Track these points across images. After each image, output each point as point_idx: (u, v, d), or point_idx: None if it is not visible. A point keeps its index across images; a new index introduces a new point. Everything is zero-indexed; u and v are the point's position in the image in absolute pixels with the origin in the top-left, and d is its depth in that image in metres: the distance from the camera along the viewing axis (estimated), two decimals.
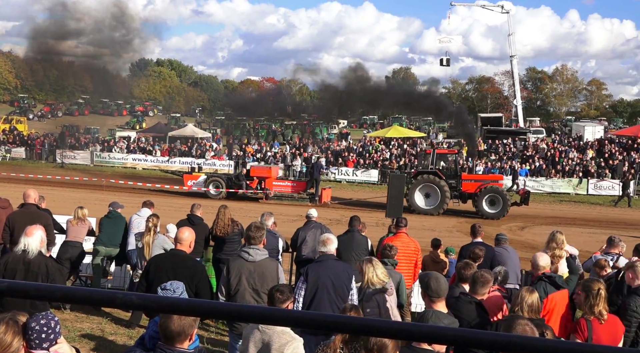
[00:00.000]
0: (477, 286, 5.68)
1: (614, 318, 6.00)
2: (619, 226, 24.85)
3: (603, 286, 5.98)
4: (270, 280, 6.06)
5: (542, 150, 42.68)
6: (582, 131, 52.41)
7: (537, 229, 24.10)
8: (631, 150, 41.18)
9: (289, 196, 28.51)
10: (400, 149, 44.18)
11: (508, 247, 9.83)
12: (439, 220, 25.32)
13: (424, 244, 12.88)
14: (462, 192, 26.80)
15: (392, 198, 15.79)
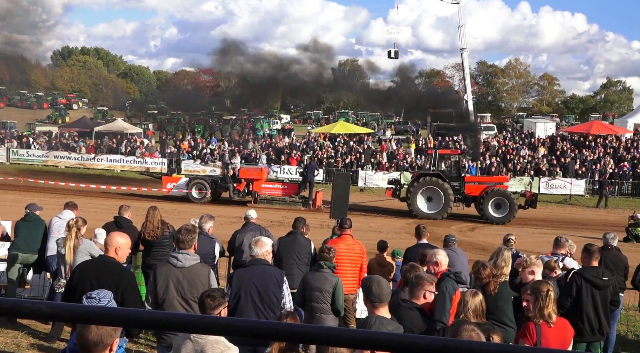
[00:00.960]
0: (414, 289, 5.78)
1: (563, 322, 6.21)
2: (571, 226, 25.78)
3: (552, 288, 6.18)
4: (201, 287, 5.99)
5: (493, 147, 43.77)
6: (534, 128, 54.11)
7: (488, 230, 24.72)
8: (583, 148, 42.75)
9: (280, 199, 28.11)
10: (346, 146, 44.50)
11: (457, 248, 10.05)
12: (386, 222, 25.64)
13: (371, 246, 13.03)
14: (466, 195, 26.94)
15: (336, 198, 15.88)
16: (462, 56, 55.04)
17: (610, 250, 10.34)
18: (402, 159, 41.17)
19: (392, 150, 44.66)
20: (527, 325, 6.00)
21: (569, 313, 7.37)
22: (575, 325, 6.94)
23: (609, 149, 42.32)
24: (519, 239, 10.59)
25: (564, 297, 7.27)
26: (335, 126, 50.21)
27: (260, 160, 41.52)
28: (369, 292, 5.14)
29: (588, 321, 7.57)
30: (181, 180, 28.96)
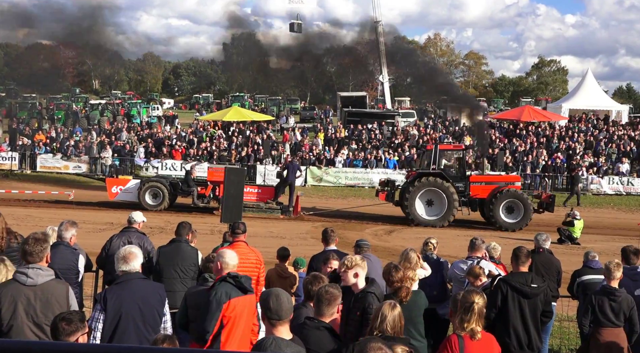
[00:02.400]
0: (322, 305, 5.82)
1: (489, 337, 6.46)
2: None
3: (479, 298, 6.39)
4: (57, 309, 5.80)
5: (413, 137, 44.84)
6: (459, 114, 55.80)
7: (407, 233, 25.30)
8: (513, 137, 44.56)
9: (254, 206, 27.61)
10: (242, 136, 44.32)
11: (371, 255, 10.22)
12: (288, 225, 25.75)
13: (270, 255, 12.99)
14: (471, 197, 26.80)
15: (228, 198, 15.80)
16: (376, 31, 56.04)
17: (542, 254, 10.83)
18: (309, 151, 41.46)
19: (297, 140, 44.90)
20: (450, 338, 6.19)
21: (494, 326, 7.65)
22: (501, 340, 7.23)
23: (541, 138, 44.30)
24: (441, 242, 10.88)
25: (488, 307, 7.53)
26: (228, 112, 49.84)
27: (137, 154, 40.68)
28: (267, 307, 5.14)
29: (516, 335, 7.89)
30: (130, 182, 28.20)
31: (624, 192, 37.27)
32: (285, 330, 5.17)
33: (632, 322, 8.47)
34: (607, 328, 8.41)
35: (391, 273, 7.86)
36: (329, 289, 5.89)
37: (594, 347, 8.49)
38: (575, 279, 10.31)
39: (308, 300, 6.53)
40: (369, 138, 45.14)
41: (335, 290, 5.88)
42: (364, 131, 46.21)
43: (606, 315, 8.40)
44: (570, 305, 10.89)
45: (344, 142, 43.98)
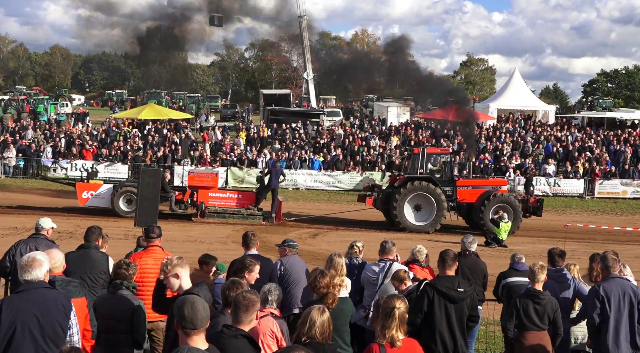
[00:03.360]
0: (240, 312, 5.80)
1: (412, 343, 6.54)
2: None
3: (400, 303, 6.47)
4: None
5: (338, 136, 45.11)
6: (386, 113, 56.55)
7: (332, 236, 25.47)
8: (441, 137, 45.35)
9: (235, 212, 27.27)
10: (159, 135, 43.75)
11: (296, 258, 10.24)
12: (207, 229, 25.57)
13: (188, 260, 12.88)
14: (459, 202, 27.07)
15: (143, 200, 15.58)
16: (300, 26, 56.15)
17: (468, 257, 11.08)
18: (230, 151, 41.24)
19: (217, 140, 44.60)
20: (370, 347, 6.25)
21: (419, 331, 7.78)
22: (427, 346, 7.35)
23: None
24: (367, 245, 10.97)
25: (414, 312, 7.65)
26: (144, 110, 49.14)
27: (44, 154, 39.64)
28: (181, 316, 5.09)
29: (441, 340, 8.03)
30: (102, 187, 27.65)
31: (550, 193, 38.36)
32: (200, 339, 5.11)
33: (556, 325, 8.73)
34: (531, 332, 8.63)
35: (317, 279, 7.89)
36: (247, 295, 5.86)
37: (518, 350, 8.70)
38: (501, 282, 10.57)
39: (226, 308, 6.49)
40: (293, 137, 45.20)
41: (254, 296, 5.86)
42: (287, 130, 46.24)
43: (530, 319, 8.63)
44: (496, 308, 11.14)
45: (267, 142, 43.91)
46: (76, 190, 27.91)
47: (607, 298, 8.77)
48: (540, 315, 8.61)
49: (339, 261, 8.68)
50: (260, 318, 6.19)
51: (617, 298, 8.79)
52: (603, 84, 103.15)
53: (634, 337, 8.87)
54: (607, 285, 8.88)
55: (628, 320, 8.83)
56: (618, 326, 8.80)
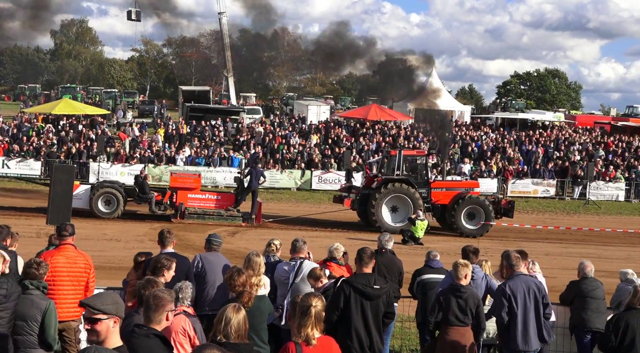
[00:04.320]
0: (150, 311, 5.71)
1: (328, 340, 6.57)
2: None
3: (317, 301, 6.49)
4: None
5: (258, 134, 45.00)
6: (306, 111, 56.73)
7: (251, 234, 25.41)
8: (360, 136, 45.78)
9: (215, 213, 27.13)
10: (74, 131, 42.73)
11: (219, 255, 10.12)
12: (123, 227, 25.18)
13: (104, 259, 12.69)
14: (434, 203, 27.40)
15: (56, 197, 15.19)
16: (220, 22, 55.80)
17: (385, 254, 11.21)
18: (147, 148, 40.61)
19: (135, 136, 43.85)
20: (287, 346, 6.25)
21: (335, 328, 7.82)
22: (343, 342, 7.40)
23: (388, 138, 45.82)
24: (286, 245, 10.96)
25: (330, 309, 7.68)
26: (58, 105, 47.94)
27: None
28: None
29: (357, 337, 8.09)
30: (79, 188, 26.67)
31: None
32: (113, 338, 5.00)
33: (479, 320, 8.92)
34: (454, 328, 8.78)
35: (233, 278, 7.86)
36: (158, 294, 5.78)
37: (440, 345, 8.84)
38: (416, 278, 10.74)
39: (141, 306, 6.38)
40: (213, 135, 44.85)
41: (166, 295, 5.78)
42: (207, 127, 45.87)
43: (453, 313, 8.78)
44: (412, 305, 11.31)
45: (186, 139, 43.43)
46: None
47: (513, 296, 9.03)
48: (462, 309, 8.77)
49: (257, 260, 8.67)
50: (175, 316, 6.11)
51: (523, 295, 9.06)
52: (516, 85, 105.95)
53: (541, 331, 9.15)
54: (512, 283, 9.14)
55: (534, 316, 9.11)
56: (526, 322, 9.06)
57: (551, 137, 49.73)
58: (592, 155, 45.09)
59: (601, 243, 27.22)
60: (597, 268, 11.28)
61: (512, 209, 28.25)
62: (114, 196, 26.86)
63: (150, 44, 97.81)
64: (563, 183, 40.22)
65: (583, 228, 28.09)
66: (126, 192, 27.22)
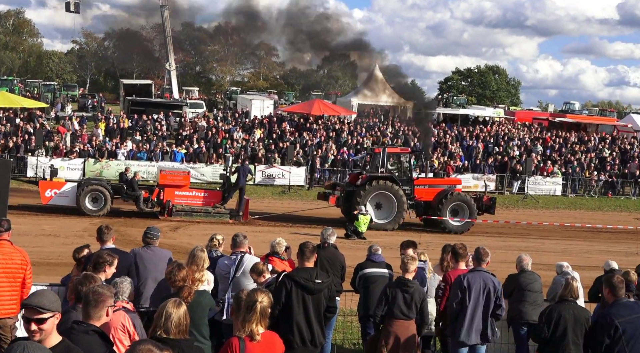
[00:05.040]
0: (89, 307, 5.65)
1: (272, 335, 6.58)
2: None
3: (263, 297, 6.50)
4: None
5: (201, 129, 44.68)
6: (249, 106, 56.55)
7: (193, 229, 25.23)
8: (303, 131, 45.81)
9: (202, 211, 27.13)
10: (11, 125, 41.76)
11: (157, 248, 9.99)
12: (63, 223, 24.77)
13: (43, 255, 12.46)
14: (417, 200, 27.74)
15: None
16: (162, 15, 55.20)
17: (327, 248, 11.25)
18: (87, 142, 39.93)
19: (74, 130, 43.06)
20: (230, 342, 6.24)
21: (277, 323, 7.84)
22: (285, 337, 7.42)
23: (331, 132, 45.97)
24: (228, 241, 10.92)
25: (272, 304, 7.69)
26: None
27: None
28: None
29: (298, 331, 8.13)
30: (65, 186, 26.97)
31: None
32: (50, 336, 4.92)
33: (423, 314, 9.02)
34: (398, 321, 8.86)
35: (173, 272, 7.80)
36: (97, 290, 5.71)
37: (384, 338, 8.91)
38: (358, 273, 10.81)
39: (78, 303, 6.28)
40: (155, 129, 44.36)
41: (105, 291, 5.72)
42: (149, 122, 45.35)
43: (399, 307, 8.86)
44: (354, 299, 11.38)
45: (127, 133, 42.86)
46: (39, 188, 27.25)
47: (468, 289, 9.18)
48: (408, 303, 8.86)
49: (202, 255, 8.65)
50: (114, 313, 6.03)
51: (478, 290, 9.22)
52: (457, 82, 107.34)
53: (486, 329, 9.32)
54: (471, 277, 9.31)
55: (482, 313, 9.27)
56: (473, 317, 9.21)
57: (491, 132, 50.56)
58: (531, 151, 45.97)
59: (539, 237, 27.79)
60: (534, 262, 11.53)
61: (494, 206, 28.78)
62: (101, 193, 26.73)
63: (90, 36, 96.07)
64: (502, 178, 40.94)
65: (521, 222, 28.62)
66: (114, 190, 27.19)
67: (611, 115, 73.12)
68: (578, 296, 8.92)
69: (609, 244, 26.79)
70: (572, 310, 8.50)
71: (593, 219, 32.63)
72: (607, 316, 8.08)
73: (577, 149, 47.17)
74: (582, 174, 42.95)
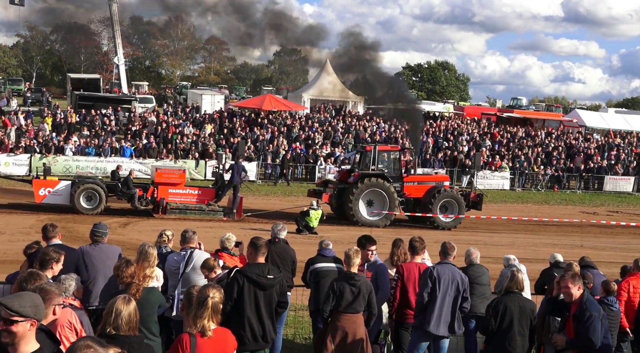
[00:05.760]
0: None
1: (224, 331, 6.56)
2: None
3: (215, 292, 6.47)
4: None
5: (151, 124, 44.24)
6: (200, 101, 56.16)
7: (143, 226, 25.00)
8: (254, 126, 45.68)
9: (196, 208, 26.95)
10: None
11: (106, 245, 9.87)
12: (9, 220, 24.34)
13: None
14: (407, 197, 28.09)
15: None
16: (110, 9, 54.48)
17: (278, 243, 11.25)
18: (34, 137, 39.23)
19: (20, 125, 42.25)
20: (181, 338, 6.20)
21: (229, 319, 7.82)
22: (236, 333, 7.41)
23: (282, 128, 45.93)
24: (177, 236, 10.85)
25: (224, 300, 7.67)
26: None
27: None
28: None
29: (250, 327, 8.12)
30: (59, 184, 26.68)
31: None
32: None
33: (371, 306, 9.06)
34: (346, 315, 8.88)
35: (121, 269, 7.73)
36: (45, 287, 5.65)
37: (331, 332, 8.93)
38: (309, 267, 10.84)
39: None
40: (103, 124, 43.78)
41: (53, 289, 5.64)
42: (97, 117, 44.73)
43: (346, 300, 8.89)
44: (305, 294, 11.40)
45: (75, 128, 42.21)
46: (33, 187, 26.84)
47: (438, 280, 9.29)
48: (355, 297, 8.89)
49: (152, 252, 8.58)
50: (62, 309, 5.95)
51: (447, 282, 9.34)
52: (408, 77, 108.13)
53: (453, 321, 9.44)
54: (440, 268, 9.43)
55: (451, 305, 9.40)
56: (442, 308, 9.33)
57: (441, 127, 51.07)
58: (479, 145, 46.60)
59: (487, 230, 28.20)
60: (483, 255, 11.69)
61: (481, 202, 29.25)
62: (96, 192, 26.52)
63: (35, 29, 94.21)
64: (452, 173, 41.41)
65: (470, 216, 28.95)
66: (108, 188, 27.00)
67: (557, 110, 74.37)
68: (524, 288, 9.09)
69: (554, 237, 27.29)
70: (517, 301, 8.69)
71: (540, 213, 33.20)
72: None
73: (525, 143, 47.96)
74: (529, 168, 43.68)
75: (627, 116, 62.92)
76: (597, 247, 24.84)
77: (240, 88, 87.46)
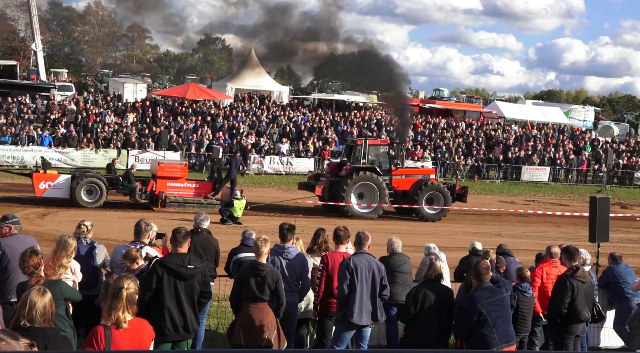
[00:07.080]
0: None
1: (140, 322, 6.50)
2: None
3: (130, 283, 6.40)
4: None
5: (71, 112, 43.31)
6: (122, 89, 55.22)
7: (62, 216, 24.53)
8: (178, 115, 45.17)
9: (194, 202, 27.01)
10: None
11: (21, 236, 9.64)
12: None
13: None
14: (396, 190, 28.54)
15: None
16: None
17: (201, 234, 11.21)
18: None
19: None
20: (95, 330, 6.12)
21: (149, 310, 7.76)
22: (156, 324, 7.36)
23: (207, 117, 45.54)
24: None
25: (142, 291, 7.60)
26: None
27: None
28: None
29: (170, 317, 8.08)
30: (59, 178, 26.63)
31: (283, 172, 39.92)
32: None
33: (278, 295, 9.06)
34: (252, 304, 8.88)
35: (25, 259, 7.59)
36: None
37: (240, 320, 8.95)
38: (232, 257, 10.83)
39: None
40: (20, 112, 42.62)
41: None
42: (13, 104, 43.51)
43: (251, 290, 8.88)
44: (228, 284, 11.36)
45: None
46: (33, 180, 26.41)
47: (356, 271, 9.40)
48: (260, 286, 8.88)
49: (70, 242, 8.48)
50: None
51: (365, 271, 9.46)
52: (333, 67, 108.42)
53: (375, 309, 9.57)
54: (356, 259, 9.54)
55: (371, 293, 9.53)
56: (362, 297, 9.44)
57: (365, 118, 51.49)
58: None
59: (409, 220, 28.60)
60: (405, 244, 11.88)
61: (466, 194, 29.79)
62: (97, 186, 26.39)
63: None
64: None
65: (393, 205, 29.32)
66: (109, 182, 26.83)
67: (477, 102, 75.81)
68: (442, 275, 9.28)
69: (474, 226, 27.89)
70: (436, 289, 8.88)
71: (460, 202, 33.80)
72: (471, 301, 8.55)
73: (446, 134, 48.79)
74: (450, 158, 44.46)
75: (544, 108, 64.59)
76: (514, 235, 25.50)
77: (164, 77, 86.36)
